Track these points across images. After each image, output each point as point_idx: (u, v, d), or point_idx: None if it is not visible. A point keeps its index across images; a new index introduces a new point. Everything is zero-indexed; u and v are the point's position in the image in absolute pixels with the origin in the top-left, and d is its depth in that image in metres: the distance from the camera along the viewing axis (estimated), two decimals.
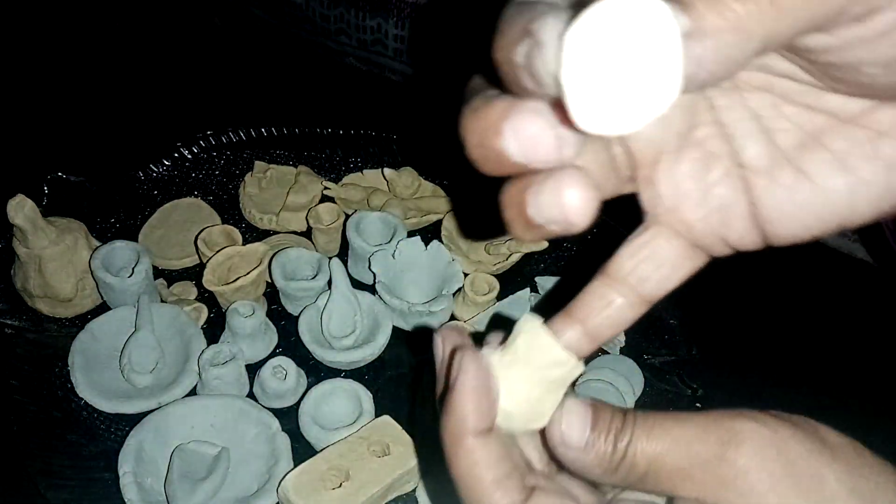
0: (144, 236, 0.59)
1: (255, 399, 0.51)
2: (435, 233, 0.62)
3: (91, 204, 0.59)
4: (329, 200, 0.63)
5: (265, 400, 0.51)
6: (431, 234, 0.61)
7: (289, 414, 0.49)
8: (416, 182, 0.64)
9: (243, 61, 0.81)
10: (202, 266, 0.55)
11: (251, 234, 0.61)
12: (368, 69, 0.80)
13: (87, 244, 0.54)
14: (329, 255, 0.58)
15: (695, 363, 0.55)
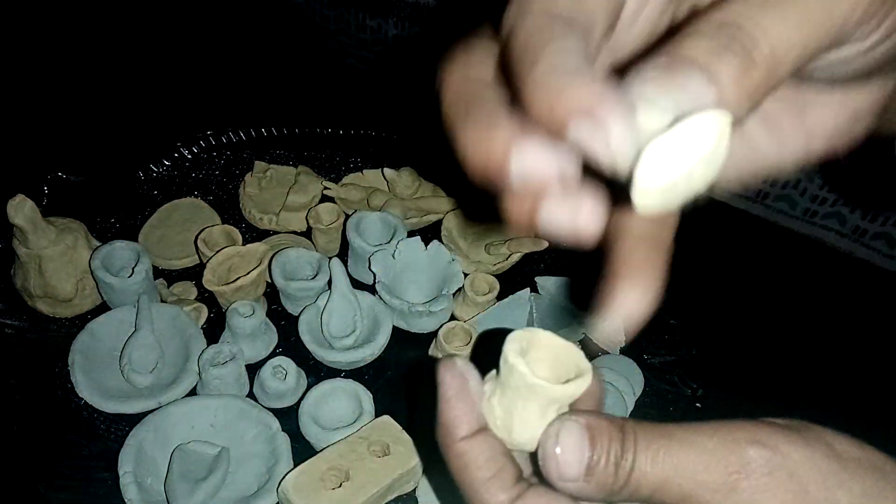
0: (144, 236, 0.59)
1: (255, 399, 0.51)
2: (435, 233, 0.62)
3: (91, 204, 0.60)
4: (329, 200, 0.63)
5: (265, 400, 0.51)
6: (431, 234, 0.61)
7: (289, 414, 0.49)
8: (416, 182, 0.63)
9: (243, 61, 0.81)
10: (202, 266, 0.55)
11: (251, 234, 0.61)
12: (368, 69, 0.81)
13: (87, 244, 0.54)
14: (329, 255, 0.58)
15: (695, 363, 0.55)
